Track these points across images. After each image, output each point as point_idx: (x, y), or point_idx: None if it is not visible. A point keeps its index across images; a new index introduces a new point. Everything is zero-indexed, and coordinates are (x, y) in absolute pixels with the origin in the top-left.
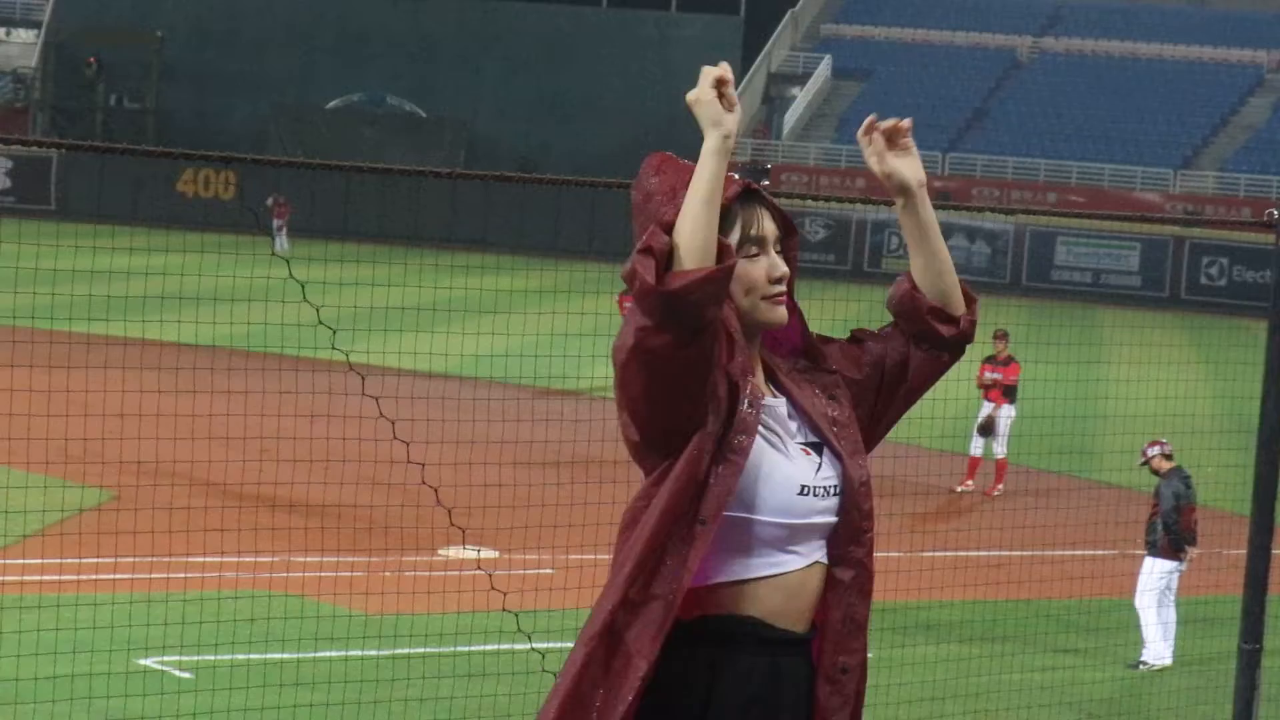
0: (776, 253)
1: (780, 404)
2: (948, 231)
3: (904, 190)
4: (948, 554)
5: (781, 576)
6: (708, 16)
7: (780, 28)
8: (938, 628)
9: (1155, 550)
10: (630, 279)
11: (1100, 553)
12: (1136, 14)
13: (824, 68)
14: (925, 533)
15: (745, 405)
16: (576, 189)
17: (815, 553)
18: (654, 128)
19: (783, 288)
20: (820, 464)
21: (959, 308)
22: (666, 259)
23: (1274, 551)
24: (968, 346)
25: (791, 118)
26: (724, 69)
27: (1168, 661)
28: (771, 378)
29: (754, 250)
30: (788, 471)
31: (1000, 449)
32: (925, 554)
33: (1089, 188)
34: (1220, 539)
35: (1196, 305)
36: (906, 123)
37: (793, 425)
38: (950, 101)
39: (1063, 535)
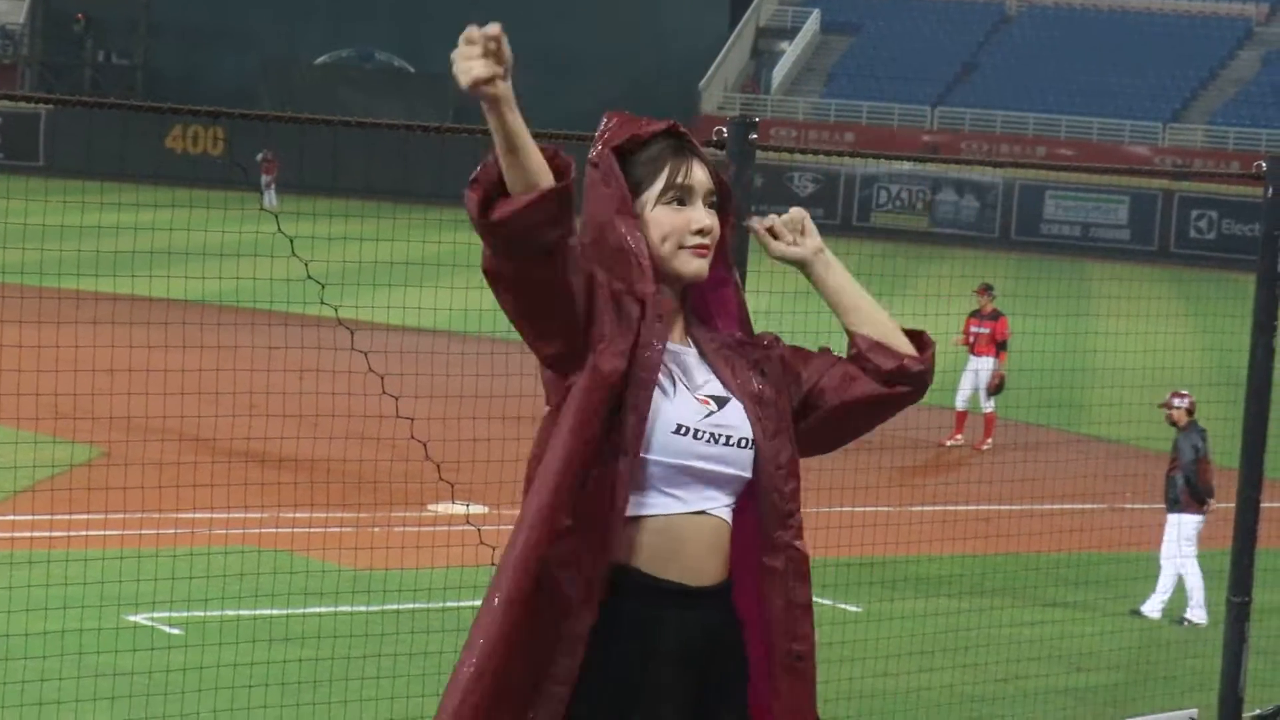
0: (710, 207)
1: (687, 352)
2: (938, 185)
3: (802, 266)
4: (936, 508)
5: (655, 519)
6: None
7: None
8: (926, 582)
9: (1178, 506)
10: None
11: (1089, 506)
12: None
13: (813, 22)
14: (913, 486)
15: (652, 325)
16: (565, 144)
17: (703, 502)
18: (643, 82)
19: (705, 240)
20: (714, 412)
21: (904, 350)
22: (497, 188)
23: (1263, 504)
24: (926, 387)
25: (780, 72)
26: (468, 33)
27: (1157, 613)
28: (692, 338)
29: (677, 196)
30: (663, 408)
31: (988, 403)
32: (914, 508)
33: (1078, 141)
34: None
35: (1185, 258)
36: (794, 213)
37: (699, 376)
38: (939, 55)
39: (1051, 489)
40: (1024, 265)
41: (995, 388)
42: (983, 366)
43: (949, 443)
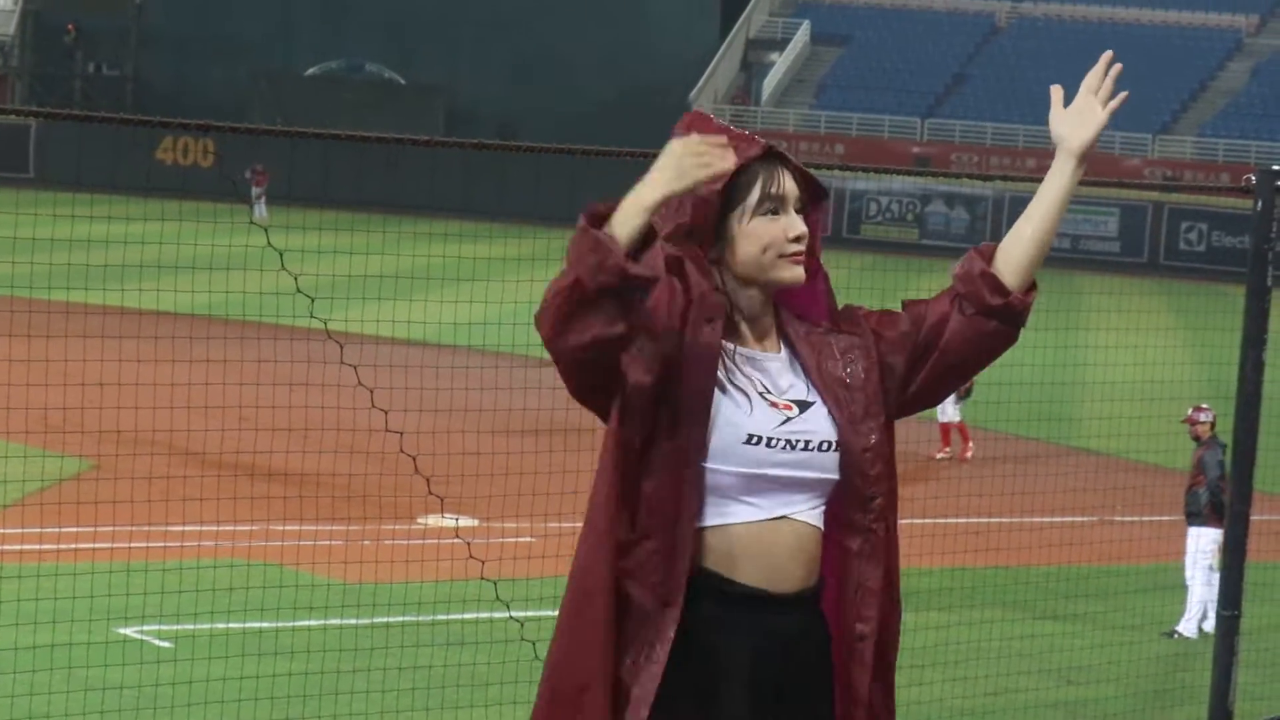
0: (797, 213)
1: (772, 359)
2: (928, 197)
3: (1085, 151)
4: (926, 521)
5: (730, 527)
6: None
7: None
8: (917, 595)
9: (1202, 520)
10: (595, 252)
11: (1080, 519)
12: None
13: (802, 33)
14: (903, 500)
15: (700, 332)
16: (556, 155)
17: (781, 508)
18: (634, 92)
19: (801, 246)
20: (792, 418)
21: (1016, 283)
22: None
23: (1253, 518)
24: (1020, 330)
25: (770, 83)
26: (727, 162)
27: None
28: (783, 335)
29: (772, 208)
30: (735, 419)
31: (955, 412)
32: (904, 521)
33: None
34: None
35: (1175, 271)
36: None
37: (784, 381)
38: (929, 67)
39: (1042, 502)
40: None
41: (964, 391)
42: None
43: (939, 455)
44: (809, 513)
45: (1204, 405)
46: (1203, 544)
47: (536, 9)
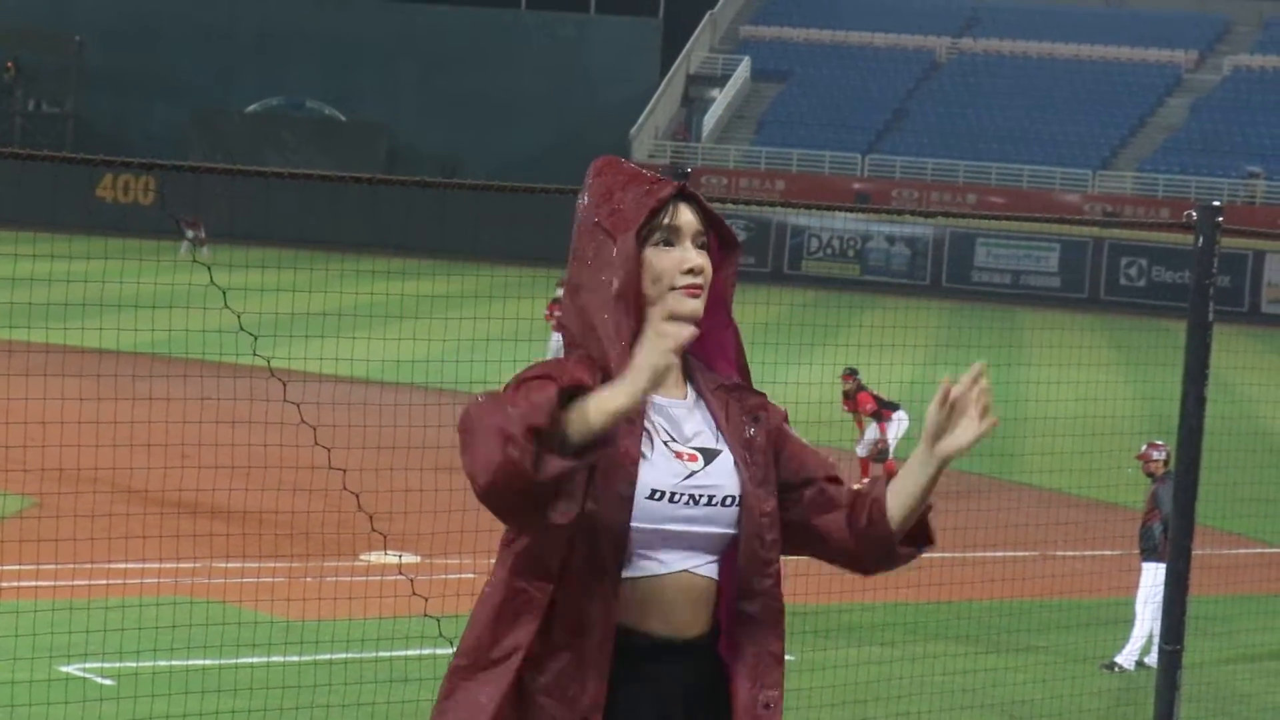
0: (699, 248)
1: (678, 404)
2: (867, 233)
3: (950, 457)
4: None
5: (635, 581)
6: (627, 18)
7: (699, 29)
8: (860, 630)
9: (1156, 555)
10: (501, 467)
11: (1022, 554)
12: (1054, 15)
13: (743, 69)
14: None
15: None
16: (497, 193)
17: (682, 561)
18: (574, 129)
19: (696, 279)
20: (699, 470)
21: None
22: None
23: (1195, 552)
24: (875, 571)
25: (711, 119)
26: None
27: (1131, 668)
28: (690, 380)
29: (665, 238)
30: (639, 475)
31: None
32: None
33: (1008, 189)
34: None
35: (1116, 306)
36: (977, 369)
37: (689, 427)
38: (869, 103)
39: (984, 537)
40: (955, 314)
41: (876, 454)
42: (874, 434)
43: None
44: (707, 567)
45: (1158, 442)
46: (1157, 579)
47: (477, 47)
